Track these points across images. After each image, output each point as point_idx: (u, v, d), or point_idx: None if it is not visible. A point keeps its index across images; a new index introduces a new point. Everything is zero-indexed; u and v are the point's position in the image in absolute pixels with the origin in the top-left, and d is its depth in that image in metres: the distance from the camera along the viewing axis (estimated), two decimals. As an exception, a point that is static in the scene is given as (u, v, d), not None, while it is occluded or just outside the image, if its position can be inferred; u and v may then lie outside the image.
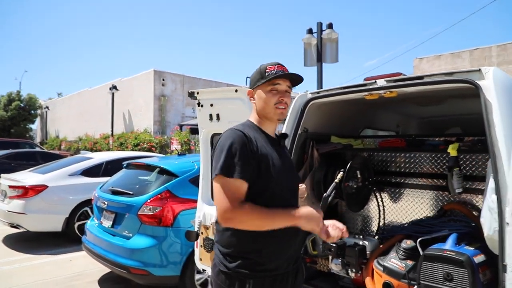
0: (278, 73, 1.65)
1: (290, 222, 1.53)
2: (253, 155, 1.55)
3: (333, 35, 8.76)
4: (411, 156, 2.97)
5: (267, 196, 1.59)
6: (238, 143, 1.53)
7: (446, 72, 2.19)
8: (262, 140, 1.64)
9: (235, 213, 1.48)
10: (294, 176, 1.79)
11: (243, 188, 1.52)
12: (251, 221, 1.51)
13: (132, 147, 16.10)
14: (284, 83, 1.69)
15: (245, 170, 1.51)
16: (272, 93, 1.66)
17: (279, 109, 1.66)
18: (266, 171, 1.58)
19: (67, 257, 5.43)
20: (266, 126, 1.72)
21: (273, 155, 1.63)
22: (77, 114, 25.21)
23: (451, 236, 2.26)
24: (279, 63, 1.71)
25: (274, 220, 1.53)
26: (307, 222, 1.54)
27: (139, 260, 3.61)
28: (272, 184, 1.59)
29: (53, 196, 5.98)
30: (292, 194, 1.72)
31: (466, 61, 11.13)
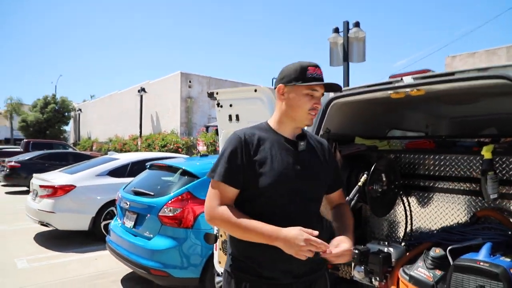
0: (319, 79, 1.55)
1: (265, 241, 1.42)
2: (246, 159, 1.50)
3: (360, 34, 8.54)
4: (441, 158, 2.79)
5: (262, 202, 1.51)
6: (231, 147, 1.53)
7: (480, 67, 2.02)
8: (269, 142, 1.56)
9: (211, 216, 1.51)
10: (313, 181, 1.61)
11: (228, 192, 1.51)
12: (225, 227, 1.51)
13: (159, 148, 16.37)
14: (321, 89, 1.58)
15: (230, 174, 1.50)
16: (308, 97, 1.56)
17: (311, 115, 1.58)
18: (258, 176, 1.50)
19: (93, 256, 5.53)
20: (285, 127, 1.62)
21: (278, 158, 1.53)
22: (108, 116, 25.99)
23: (485, 246, 2.08)
24: (318, 66, 1.58)
25: (246, 233, 1.45)
26: (285, 246, 1.39)
27: (159, 261, 3.61)
28: (265, 190, 1.50)
29: (80, 195, 6.12)
30: (305, 201, 1.57)
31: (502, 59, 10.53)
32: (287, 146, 1.60)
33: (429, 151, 2.67)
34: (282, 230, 1.40)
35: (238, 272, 1.56)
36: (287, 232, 1.39)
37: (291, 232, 1.38)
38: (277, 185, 1.51)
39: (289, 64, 1.62)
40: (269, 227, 1.43)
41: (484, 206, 2.52)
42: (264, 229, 1.43)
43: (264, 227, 1.43)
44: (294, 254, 1.38)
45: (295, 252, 1.37)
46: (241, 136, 1.55)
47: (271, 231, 1.42)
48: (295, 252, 1.37)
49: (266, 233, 1.42)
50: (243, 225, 1.45)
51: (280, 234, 1.40)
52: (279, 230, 1.41)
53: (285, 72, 1.60)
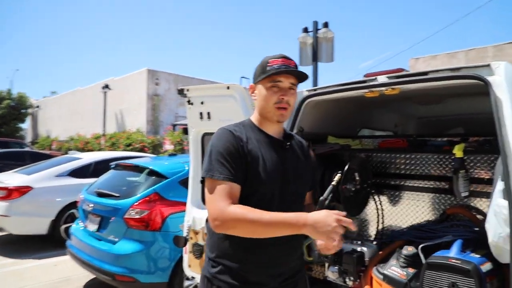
0: (280, 69, 1.46)
1: (292, 230, 1.31)
2: (240, 156, 1.41)
3: (328, 34, 8.65)
4: (411, 157, 2.83)
5: (252, 203, 1.41)
6: (225, 142, 1.43)
7: (453, 67, 2.04)
8: (256, 141, 1.49)
9: (223, 220, 1.34)
10: (297, 181, 1.55)
11: (234, 190, 1.39)
12: (243, 227, 1.34)
13: (124, 147, 15.83)
14: (287, 79, 1.49)
15: (232, 170, 1.39)
16: (272, 90, 1.48)
17: (279, 110, 1.48)
18: (252, 174, 1.42)
19: (52, 262, 5.22)
20: (268, 126, 1.55)
21: (267, 157, 1.47)
22: (69, 113, 24.88)
23: (456, 243, 2.11)
24: (284, 56, 1.51)
25: (269, 227, 1.31)
26: (316, 231, 1.26)
27: (125, 267, 3.43)
28: (258, 189, 1.43)
29: (38, 197, 5.77)
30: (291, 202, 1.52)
31: (462, 62, 11.06)
32: (273, 145, 1.53)
33: (402, 150, 2.69)
34: (310, 214, 1.29)
35: (221, 277, 1.46)
36: (316, 215, 1.28)
37: (320, 214, 1.28)
38: (268, 185, 1.45)
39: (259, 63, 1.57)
40: (293, 215, 1.31)
41: (454, 204, 2.58)
42: (289, 218, 1.31)
43: (288, 215, 1.31)
44: (325, 238, 1.26)
45: (327, 235, 1.25)
46: (231, 131, 1.47)
47: (298, 217, 1.30)
48: (327, 235, 1.25)
49: (293, 220, 1.29)
50: (265, 220, 1.30)
51: (308, 218, 1.27)
52: (306, 214, 1.29)
53: (254, 71, 1.57)
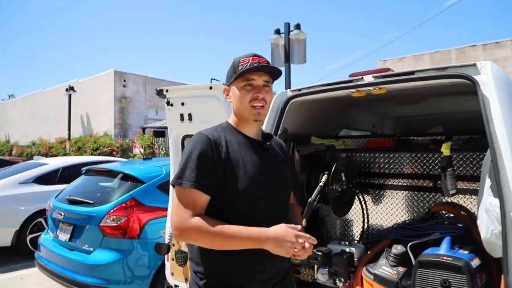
0: (252, 67, 1.42)
1: (253, 245, 1.29)
2: (218, 162, 1.35)
3: (301, 35, 8.71)
4: (395, 157, 2.86)
5: (240, 207, 1.37)
6: (199, 149, 1.36)
7: (438, 67, 2.07)
8: (236, 143, 1.44)
9: (184, 230, 1.31)
10: (280, 182, 1.52)
11: (201, 200, 1.34)
12: (202, 239, 1.32)
13: (91, 151, 15.25)
14: (260, 77, 1.45)
15: (202, 179, 1.33)
16: (246, 89, 1.44)
17: (255, 108, 1.43)
18: (234, 179, 1.36)
19: (18, 275, 4.89)
20: (245, 127, 1.50)
21: (249, 160, 1.42)
22: (30, 117, 23.64)
23: (445, 240, 2.14)
24: (255, 54, 1.48)
25: (230, 240, 1.30)
26: (276, 246, 1.27)
27: (102, 277, 3.25)
28: (243, 192, 1.37)
29: (1, 206, 5.40)
30: (276, 203, 1.47)
31: (427, 64, 11.51)
32: (253, 147, 1.48)
33: (388, 149, 2.71)
34: (270, 230, 1.30)
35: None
36: (276, 230, 1.29)
37: (280, 230, 1.28)
38: (254, 188, 1.39)
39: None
40: (254, 230, 1.30)
41: (439, 202, 2.62)
42: (250, 233, 1.29)
43: (250, 230, 1.30)
44: (285, 254, 1.27)
45: (286, 251, 1.26)
46: (209, 136, 1.39)
47: (259, 233, 1.29)
48: (286, 251, 1.26)
49: (254, 236, 1.29)
50: (226, 233, 1.28)
51: (269, 234, 1.28)
52: (266, 230, 1.30)
53: (227, 74, 1.53)
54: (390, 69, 2.27)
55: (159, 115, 18.68)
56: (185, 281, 2.86)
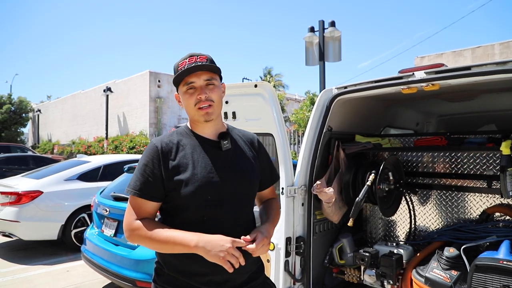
0: (187, 70, 1.38)
1: (186, 249, 1.29)
2: (164, 170, 1.35)
3: (336, 33, 8.57)
4: (446, 156, 2.74)
5: (189, 211, 1.37)
6: (146, 158, 1.39)
7: (498, 61, 1.96)
8: (190, 147, 1.42)
9: (130, 232, 1.37)
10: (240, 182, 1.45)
11: (145, 207, 1.38)
12: (144, 242, 1.36)
13: (127, 150, 15.75)
14: (200, 77, 1.40)
15: (146, 188, 1.36)
16: (189, 93, 1.41)
17: (202, 110, 1.40)
18: (180, 184, 1.35)
19: (64, 267, 5.11)
20: (200, 129, 1.47)
21: (200, 162, 1.39)
22: (70, 117, 24.76)
23: (504, 243, 2.03)
24: (192, 55, 1.42)
25: (165, 244, 1.31)
26: (208, 252, 1.25)
27: (146, 272, 3.33)
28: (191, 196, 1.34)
29: (48, 202, 5.65)
30: (233, 205, 1.42)
31: (468, 60, 11.01)
32: (210, 148, 1.44)
33: (442, 148, 2.60)
34: (203, 235, 1.28)
35: (166, 286, 1.41)
36: (209, 237, 1.27)
37: (214, 236, 1.27)
38: (202, 192, 1.35)
39: None
40: (188, 234, 1.29)
41: (496, 203, 2.49)
42: (182, 237, 1.29)
43: (183, 234, 1.30)
44: (219, 261, 1.24)
45: (218, 256, 1.24)
46: (157, 145, 1.40)
47: (191, 238, 1.28)
48: (218, 256, 1.24)
49: (185, 240, 1.28)
50: (160, 237, 1.30)
51: (200, 240, 1.27)
52: (200, 235, 1.28)
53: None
54: (443, 64, 2.18)
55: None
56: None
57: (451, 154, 2.68)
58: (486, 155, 2.52)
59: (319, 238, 2.68)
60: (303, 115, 14.91)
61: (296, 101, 24.90)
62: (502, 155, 2.05)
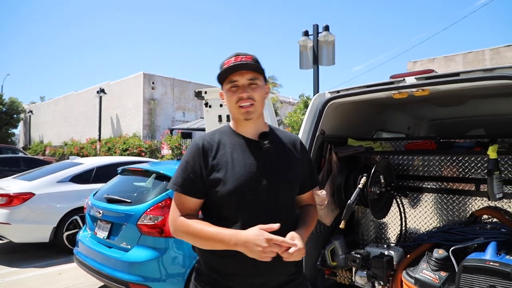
0: (230, 68, 1.41)
1: (226, 246, 1.32)
2: (204, 166, 1.41)
3: (329, 37, 8.65)
4: (435, 159, 2.80)
5: (227, 209, 1.40)
6: (188, 155, 1.46)
7: (486, 68, 2.02)
8: (230, 146, 1.45)
9: (174, 228, 1.44)
10: (279, 183, 1.45)
11: (188, 203, 1.43)
12: (186, 238, 1.43)
13: (120, 152, 15.68)
14: (243, 76, 1.42)
15: (188, 184, 1.42)
16: (231, 91, 1.45)
17: (242, 108, 1.43)
18: (220, 182, 1.39)
19: (56, 270, 5.08)
20: (243, 128, 1.49)
21: (240, 161, 1.41)
22: (63, 118, 24.56)
23: (491, 245, 2.09)
24: (236, 54, 1.46)
25: (205, 241, 1.36)
26: (247, 250, 1.27)
27: (139, 274, 3.33)
28: (229, 194, 1.38)
29: (40, 204, 5.62)
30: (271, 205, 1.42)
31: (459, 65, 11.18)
32: (250, 148, 1.46)
33: (431, 152, 2.66)
34: (241, 232, 1.30)
35: (204, 285, 1.45)
36: (246, 234, 1.28)
37: (251, 233, 1.27)
38: (241, 191, 1.38)
39: None
40: (228, 231, 1.32)
41: (483, 206, 2.55)
42: (223, 235, 1.32)
43: (223, 231, 1.33)
44: (257, 257, 1.26)
45: (258, 254, 1.25)
46: (199, 142, 1.46)
47: (230, 236, 1.31)
48: (258, 254, 1.25)
49: (225, 237, 1.31)
50: (202, 233, 1.35)
51: (239, 236, 1.28)
52: (238, 232, 1.30)
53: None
54: (433, 70, 2.24)
55: (186, 117, 18.99)
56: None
57: (441, 157, 2.74)
58: (474, 159, 2.58)
59: (311, 240, 2.71)
60: (297, 118, 14.99)
61: (290, 104, 24.99)
62: (489, 159, 2.11)
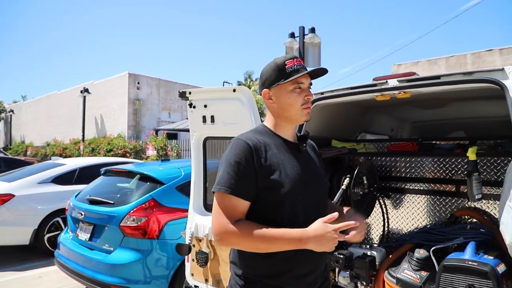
0: (300, 69, 1.45)
1: (296, 246, 1.32)
2: (258, 168, 1.36)
3: (315, 39, 8.72)
4: (417, 161, 2.85)
5: (282, 211, 1.39)
6: (239, 156, 1.37)
7: (465, 71, 2.06)
8: (275, 147, 1.45)
9: (227, 234, 1.34)
10: (317, 184, 1.52)
11: (240, 206, 1.36)
12: (245, 243, 1.35)
13: (104, 152, 15.44)
14: (307, 80, 1.49)
15: (242, 186, 1.35)
16: (296, 92, 1.46)
17: (306, 110, 1.48)
18: (276, 183, 1.37)
19: (36, 273, 4.97)
20: (284, 130, 1.52)
21: (288, 163, 1.43)
22: (45, 118, 24.04)
23: (470, 245, 2.13)
24: (296, 56, 1.50)
25: (273, 243, 1.32)
26: (318, 244, 1.30)
27: (122, 277, 3.29)
28: (286, 196, 1.38)
29: (20, 206, 5.50)
30: (315, 205, 1.48)
31: (442, 68, 11.41)
32: (291, 149, 1.50)
33: (412, 153, 2.70)
34: (309, 230, 1.32)
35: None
36: (315, 230, 1.31)
37: (318, 228, 1.31)
38: (295, 192, 1.40)
39: (265, 66, 1.53)
40: (295, 231, 1.33)
41: (463, 207, 2.60)
42: (291, 234, 1.32)
43: (291, 232, 1.33)
44: (328, 249, 1.32)
45: (329, 246, 1.31)
46: (248, 142, 1.40)
47: (301, 234, 1.32)
48: (329, 246, 1.31)
49: (296, 237, 1.31)
50: (267, 236, 1.31)
51: (309, 234, 1.31)
52: (306, 230, 1.32)
53: (265, 75, 1.51)
54: (415, 73, 2.27)
55: (172, 118, 18.83)
56: (205, 281, 2.88)
57: (423, 159, 2.78)
58: (454, 161, 2.63)
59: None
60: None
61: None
62: (469, 161, 2.15)
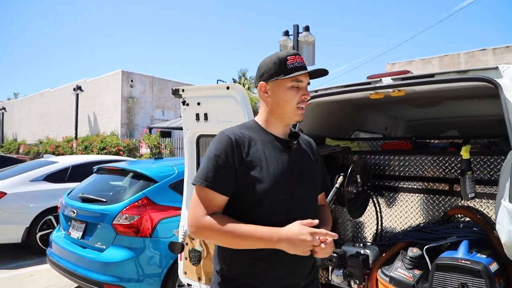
0: (301, 67, 1.40)
1: (266, 245, 1.27)
2: (238, 163, 1.33)
3: (309, 38, 8.71)
4: (411, 159, 2.85)
5: (261, 208, 1.35)
6: (218, 149, 1.35)
7: (459, 70, 2.06)
8: (261, 143, 1.40)
9: (198, 227, 1.33)
10: (304, 184, 1.45)
11: (216, 200, 1.34)
12: (216, 237, 1.33)
13: (97, 150, 15.33)
14: (307, 78, 1.44)
15: (219, 180, 1.33)
16: (294, 90, 1.41)
17: (300, 110, 1.43)
18: (256, 180, 1.33)
19: (28, 272, 4.92)
20: (274, 127, 1.47)
21: (273, 160, 1.38)
22: (38, 116, 23.81)
23: (463, 244, 2.13)
24: (297, 53, 1.45)
25: (243, 240, 1.28)
26: (290, 246, 1.24)
27: (114, 275, 3.26)
28: (265, 194, 1.34)
29: (12, 204, 5.45)
30: (302, 205, 1.42)
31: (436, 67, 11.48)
32: (280, 147, 1.45)
33: (406, 152, 2.70)
34: (282, 230, 1.28)
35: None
36: (288, 230, 1.27)
37: (293, 229, 1.26)
38: (276, 190, 1.35)
39: (265, 58, 1.47)
40: (267, 229, 1.28)
41: (456, 205, 2.61)
42: (262, 232, 1.27)
43: (262, 229, 1.28)
44: (300, 252, 1.25)
45: (302, 250, 1.24)
46: (230, 136, 1.37)
47: (271, 233, 1.27)
48: (302, 250, 1.24)
49: (266, 235, 1.27)
50: (238, 232, 1.27)
51: (281, 233, 1.26)
52: (279, 230, 1.28)
53: (264, 68, 1.45)
54: (409, 71, 2.27)
55: (166, 116, 18.75)
56: (198, 280, 2.87)
57: (416, 158, 2.79)
58: (448, 159, 2.64)
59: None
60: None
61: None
62: (462, 159, 2.16)
